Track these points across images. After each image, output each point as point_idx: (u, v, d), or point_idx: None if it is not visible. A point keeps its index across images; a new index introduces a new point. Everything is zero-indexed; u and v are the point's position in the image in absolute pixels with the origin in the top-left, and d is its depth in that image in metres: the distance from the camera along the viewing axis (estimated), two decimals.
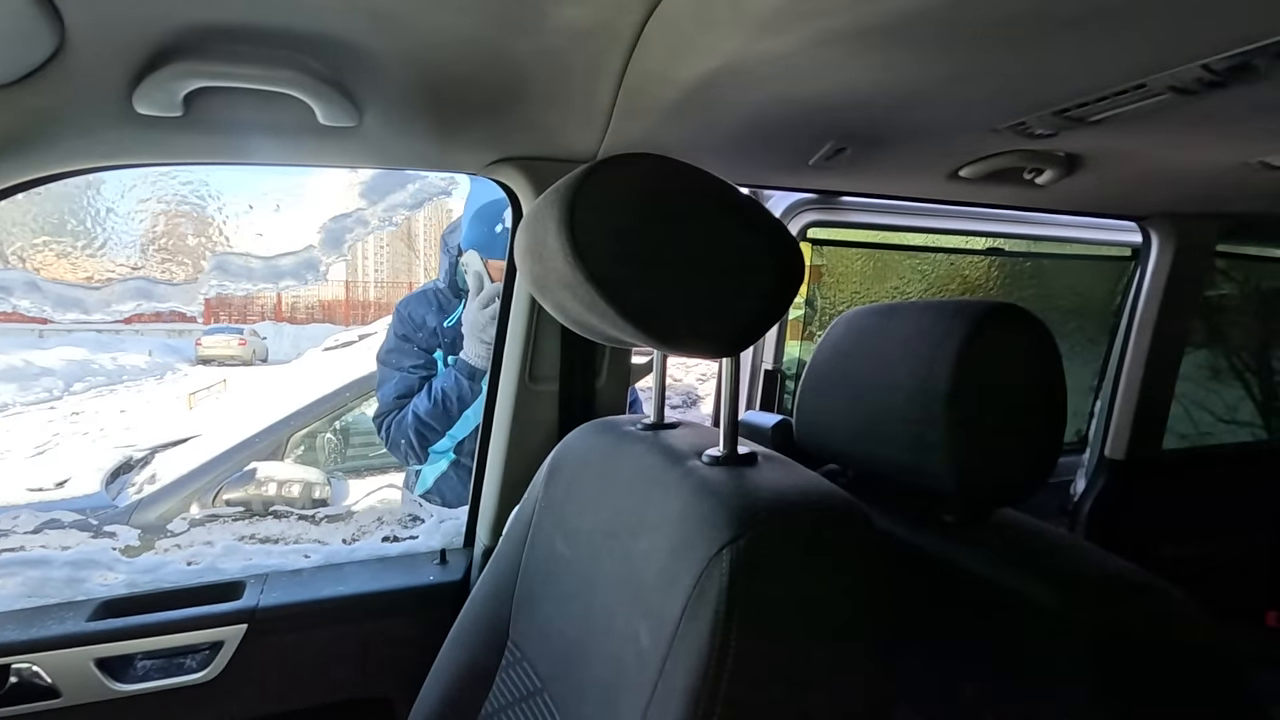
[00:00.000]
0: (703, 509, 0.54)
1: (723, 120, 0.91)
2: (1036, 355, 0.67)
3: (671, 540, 0.56)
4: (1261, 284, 2.05)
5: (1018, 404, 0.65)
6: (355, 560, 1.16)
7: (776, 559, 0.51)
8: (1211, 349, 2.12)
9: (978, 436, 0.64)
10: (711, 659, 0.48)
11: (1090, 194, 1.33)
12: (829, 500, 0.55)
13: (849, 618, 0.53)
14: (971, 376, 0.64)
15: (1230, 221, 1.49)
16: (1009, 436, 0.65)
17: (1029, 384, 0.66)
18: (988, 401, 0.64)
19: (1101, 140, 1.04)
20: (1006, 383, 0.65)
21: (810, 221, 1.37)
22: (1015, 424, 0.65)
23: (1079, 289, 2.00)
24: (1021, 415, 0.66)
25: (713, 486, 0.56)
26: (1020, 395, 0.66)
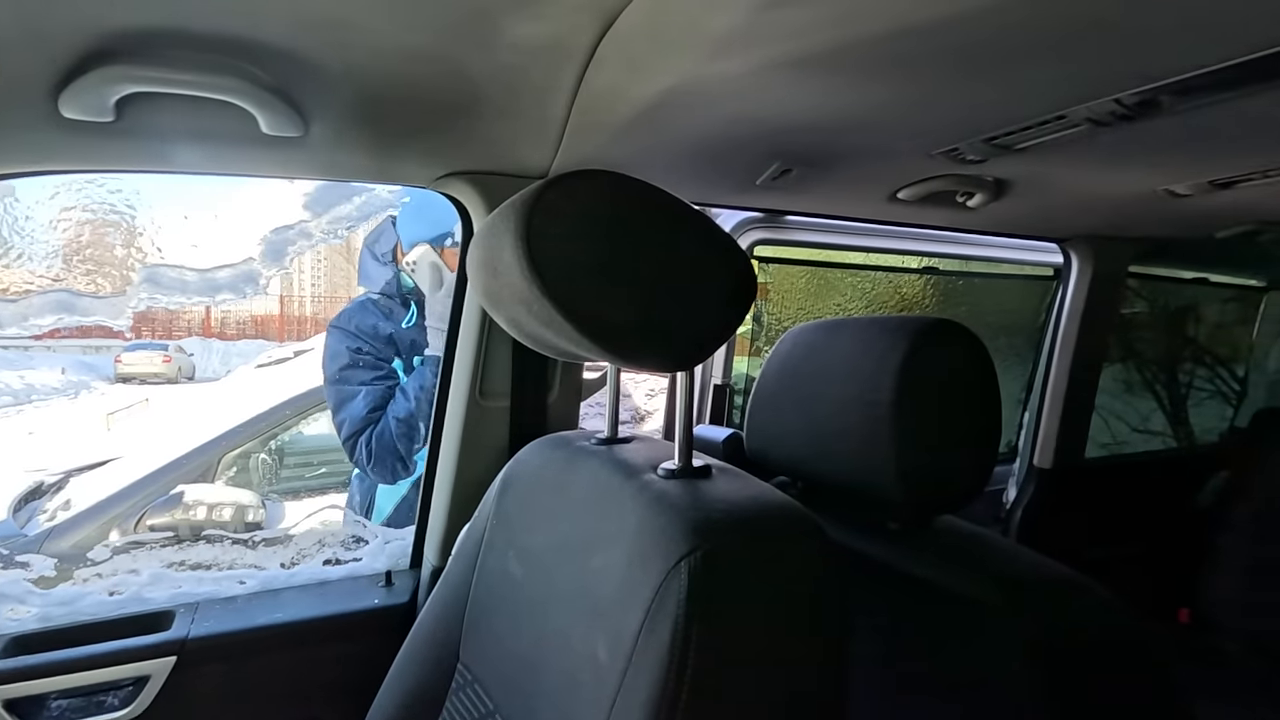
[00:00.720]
0: (659, 522, 0.54)
1: (674, 139, 0.93)
2: (973, 368, 0.71)
3: (628, 554, 0.56)
4: (1169, 303, 2.20)
5: (957, 415, 0.69)
6: (294, 585, 1.11)
7: (734, 570, 0.51)
8: (1126, 364, 2.26)
9: (921, 446, 0.66)
10: (671, 671, 0.48)
11: (1016, 217, 1.41)
12: (783, 511, 0.56)
13: (805, 627, 0.54)
14: (913, 388, 0.67)
15: (1142, 245, 1.60)
16: (950, 445, 0.68)
17: (967, 395, 0.69)
18: (929, 412, 0.67)
19: (1027, 167, 1.11)
20: (946, 394, 0.68)
21: (757, 240, 1.41)
22: (955, 433, 0.68)
23: (1007, 306, 2.11)
24: (960, 425, 0.69)
25: (669, 499, 0.57)
26: (959, 406, 0.69)
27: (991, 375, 0.71)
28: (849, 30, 0.62)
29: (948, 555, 0.67)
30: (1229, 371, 2.33)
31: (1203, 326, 2.38)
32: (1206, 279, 2.04)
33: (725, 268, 0.59)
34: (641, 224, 0.56)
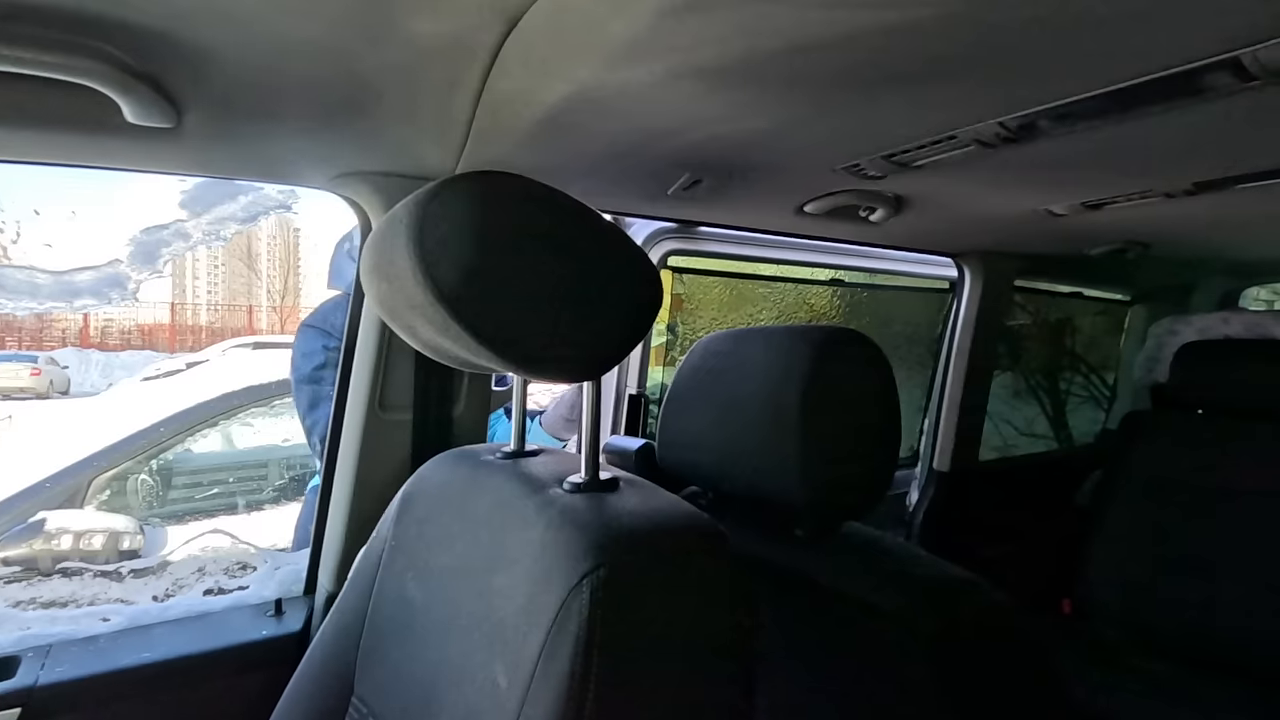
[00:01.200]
0: (563, 538, 0.52)
1: (583, 146, 0.91)
2: (874, 377, 0.73)
3: (531, 573, 0.53)
4: (1050, 315, 2.39)
5: (860, 421, 0.70)
6: (168, 620, 1.01)
7: (640, 586, 0.50)
8: (1014, 372, 2.43)
9: (826, 452, 0.67)
10: (573, 693, 0.46)
11: (915, 232, 1.48)
12: (691, 524, 0.55)
13: (713, 641, 0.53)
14: (819, 395, 0.68)
15: (1026, 260, 1.72)
16: (853, 451, 0.69)
17: (869, 403, 0.71)
18: (833, 419, 0.68)
19: (923, 184, 1.17)
20: (849, 402, 0.70)
21: (670, 250, 1.41)
22: (858, 440, 0.70)
23: (908, 318, 2.22)
24: (863, 432, 0.70)
25: (573, 515, 0.55)
26: (862, 413, 0.71)
27: (891, 384, 0.73)
28: (750, 43, 0.63)
29: (852, 561, 0.69)
30: (1100, 379, 2.54)
31: (1078, 337, 2.59)
32: (1081, 293, 2.22)
33: (632, 275, 0.58)
34: (544, 228, 0.54)
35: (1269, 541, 1.63)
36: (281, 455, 2.95)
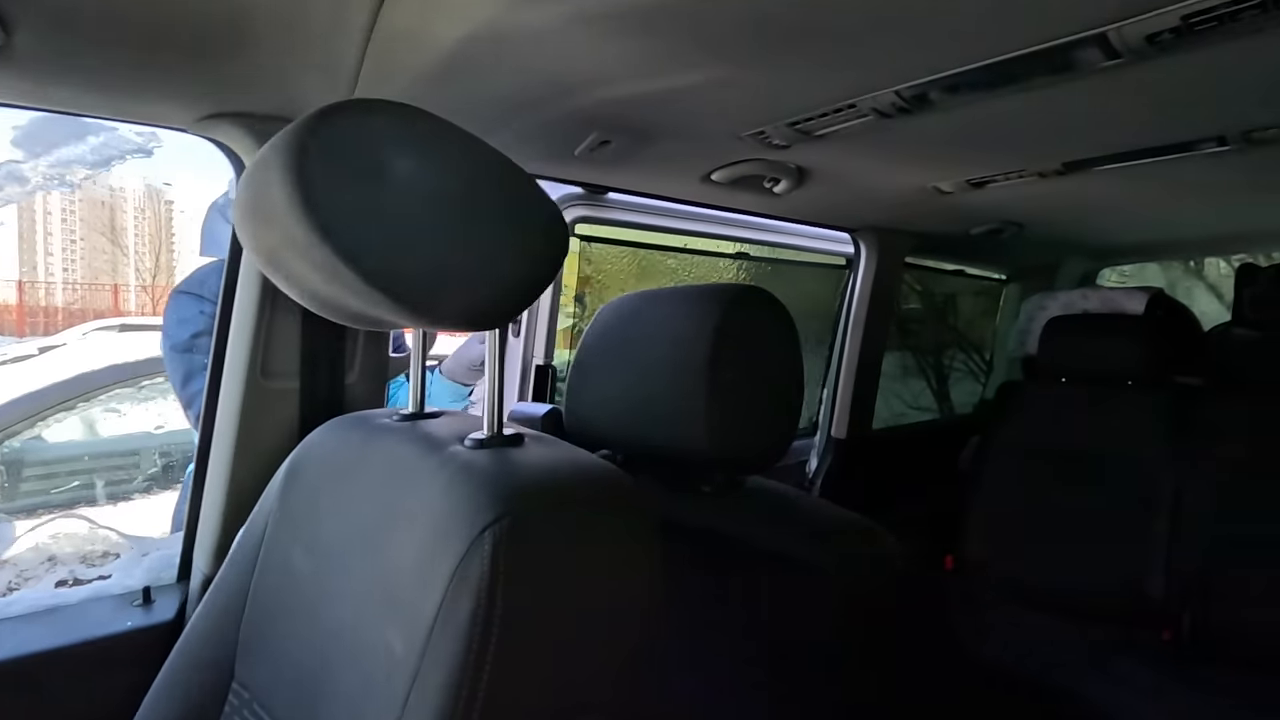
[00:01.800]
0: (463, 492, 0.49)
1: (485, 93, 0.87)
2: (780, 333, 0.74)
3: (429, 531, 0.50)
4: (935, 291, 2.54)
5: (766, 377, 0.71)
6: (8, 617, 0.89)
7: (544, 538, 0.48)
8: (903, 347, 2.57)
9: (732, 406, 0.68)
10: (472, 649, 0.44)
11: (816, 206, 1.53)
12: (600, 477, 0.54)
13: (622, 594, 0.52)
14: (726, 351, 0.68)
15: (916, 238, 1.82)
16: (757, 407, 0.70)
17: (773, 359, 0.72)
18: (740, 374, 0.69)
19: (824, 155, 1.20)
20: (756, 358, 0.71)
21: (580, 217, 1.39)
22: (764, 396, 0.71)
23: (811, 293, 2.30)
24: (769, 388, 0.71)
25: (475, 469, 0.52)
26: (768, 370, 0.72)
27: (796, 343, 0.75)
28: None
29: (759, 513, 0.70)
30: (978, 352, 2.74)
31: (961, 313, 2.78)
32: (964, 271, 2.38)
33: (533, 216, 0.55)
34: (437, 162, 0.51)
35: (1122, 500, 1.81)
36: (156, 443, 2.70)
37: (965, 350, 2.75)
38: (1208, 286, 2.86)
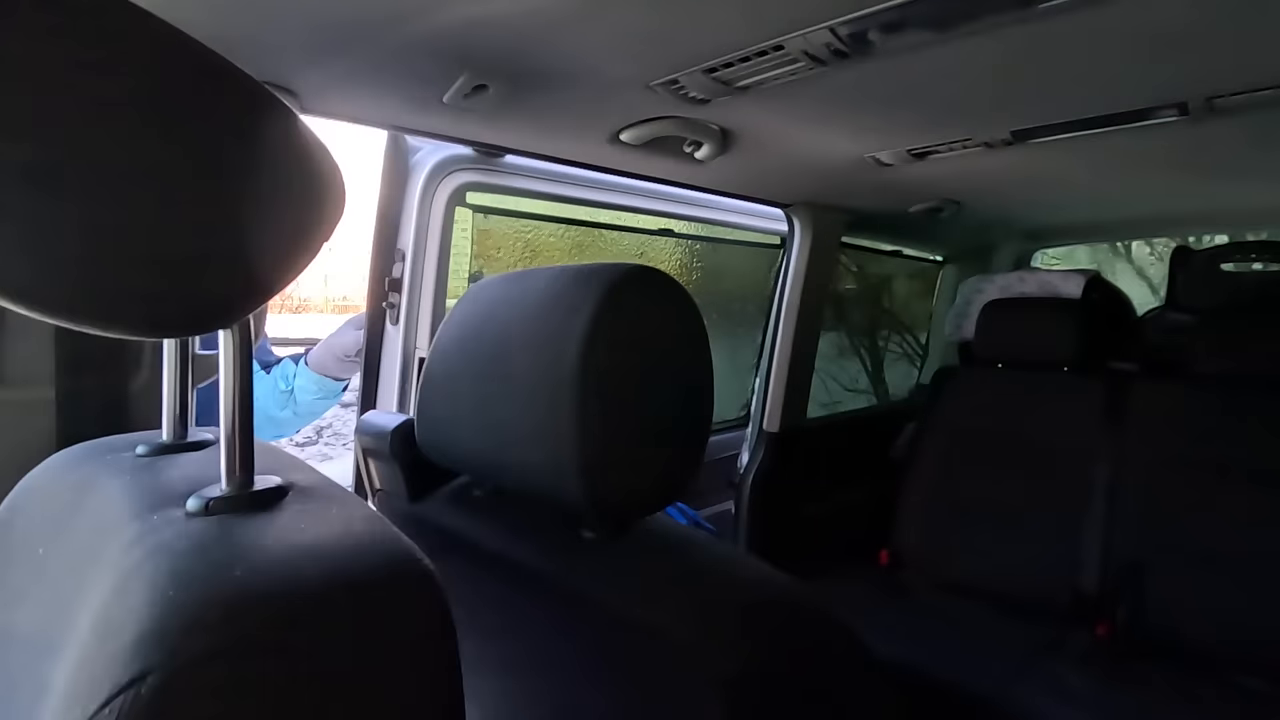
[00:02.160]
0: (115, 616, 0.30)
1: (316, 21, 0.66)
2: (682, 331, 0.56)
3: (75, 666, 0.31)
4: (872, 273, 2.44)
5: (661, 390, 0.54)
6: None
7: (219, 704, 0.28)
8: (839, 330, 2.47)
9: (613, 431, 0.50)
10: None
11: (745, 176, 1.36)
12: (375, 565, 0.35)
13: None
14: (605, 354, 0.50)
15: (853, 214, 1.69)
16: (651, 430, 0.53)
17: (673, 363, 0.55)
18: (625, 387, 0.51)
19: (750, 115, 1.03)
20: (647, 364, 0.53)
21: (468, 183, 1.18)
22: (658, 414, 0.53)
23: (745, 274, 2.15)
24: (666, 404, 0.54)
25: (154, 565, 0.32)
26: (664, 378, 0.54)
27: (703, 339, 0.58)
28: None
29: (645, 573, 0.53)
30: (914, 337, 2.67)
31: (898, 296, 2.69)
32: (901, 251, 2.28)
33: (283, 155, 0.36)
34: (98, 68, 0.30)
35: (1057, 490, 1.75)
36: None
37: (902, 334, 2.68)
38: (1135, 271, 2.87)
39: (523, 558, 0.57)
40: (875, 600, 1.70)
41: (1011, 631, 1.56)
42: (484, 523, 0.63)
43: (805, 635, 0.48)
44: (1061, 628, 1.60)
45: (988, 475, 1.86)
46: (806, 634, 0.49)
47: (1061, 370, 1.87)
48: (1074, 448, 1.77)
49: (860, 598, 1.72)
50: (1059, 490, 1.75)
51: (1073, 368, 1.86)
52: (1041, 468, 1.79)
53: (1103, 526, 1.67)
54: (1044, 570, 1.71)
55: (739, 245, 1.91)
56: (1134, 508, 1.65)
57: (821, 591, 0.51)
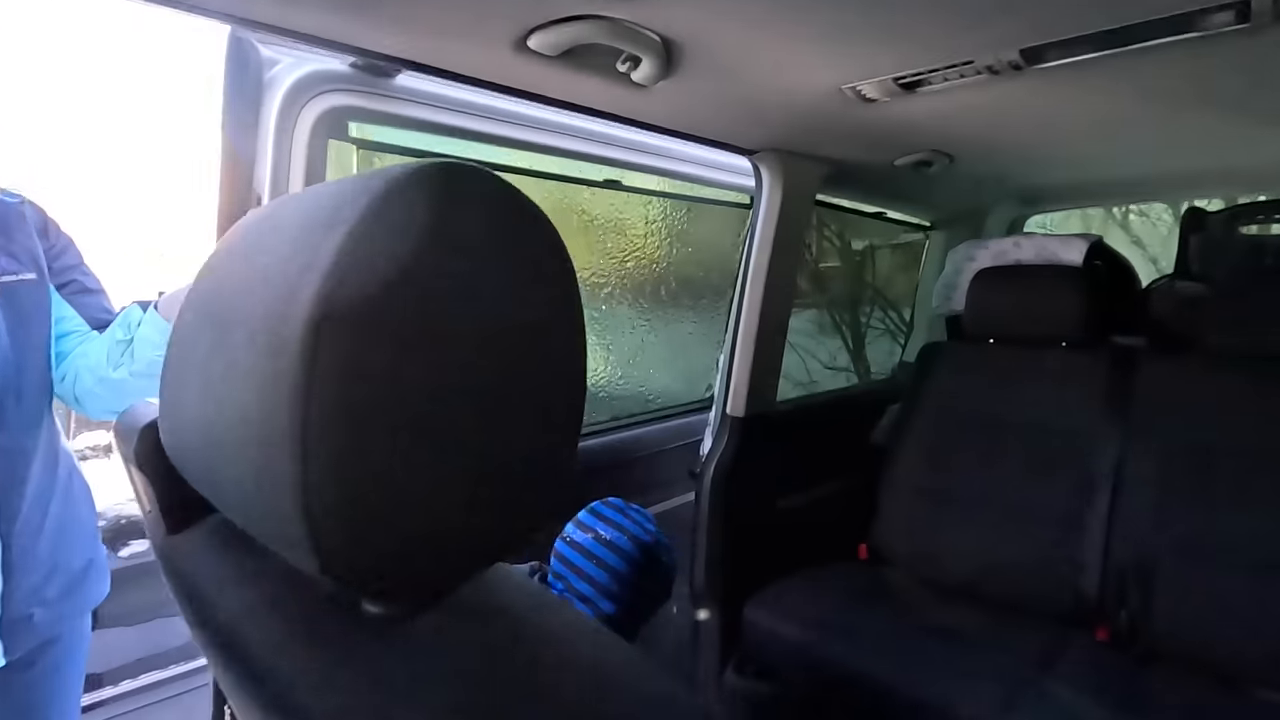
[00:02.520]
0: None
1: None
2: (525, 263, 0.33)
3: None
4: (850, 238, 2.23)
5: (474, 366, 0.31)
6: None
7: None
8: (817, 301, 2.26)
9: (364, 441, 0.28)
10: None
11: (699, 111, 1.14)
12: None
13: None
14: (360, 305, 0.28)
15: (830, 168, 1.47)
16: (448, 438, 0.30)
17: (502, 323, 0.32)
18: (390, 363, 0.29)
19: (698, 20, 0.81)
20: (453, 318, 0.31)
21: (347, 109, 0.93)
22: (464, 410, 0.31)
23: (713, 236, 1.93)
24: (484, 391, 0.32)
25: None
26: (480, 350, 0.32)
27: (566, 281, 0.35)
28: None
29: (461, 690, 0.31)
30: (897, 312, 2.47)
31: (880, 265, 2.49)
32: (884, 214, 2.07)
33: None
34: None
35: (1055, 479, 1.56)
36: None
37: (885, 308, 2.47)
38: (1132, 240, 2.69)
39: (263, 641, 0.35)
40: (852, 602, 1.51)
41: (1004, 641, 1.38)
42: (236, 580, 0.41)
43: None
44: (1060, 635, 1.42)
45: (978, 463, 1.68)
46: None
47: (1060, 346, 1.68)
48: (1074, 432, 1.58)
49: (836, 599, 1.53)
50: (1057, 480, 1.56)
51: (1073, 343, 1.67)
52: (1038, 454, 1.60)
53: (1106, 521, 1.49)
54: (1041, 570, 1.53)
55: (704, 204, 1.68)
56: (1141, 500, 1.47)
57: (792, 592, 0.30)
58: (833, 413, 2.06)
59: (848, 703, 1.34)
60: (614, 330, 1.79)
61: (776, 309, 1.50)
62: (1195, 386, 1.49)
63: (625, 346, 1.82)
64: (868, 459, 1.84)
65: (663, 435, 1.69)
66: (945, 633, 1.40)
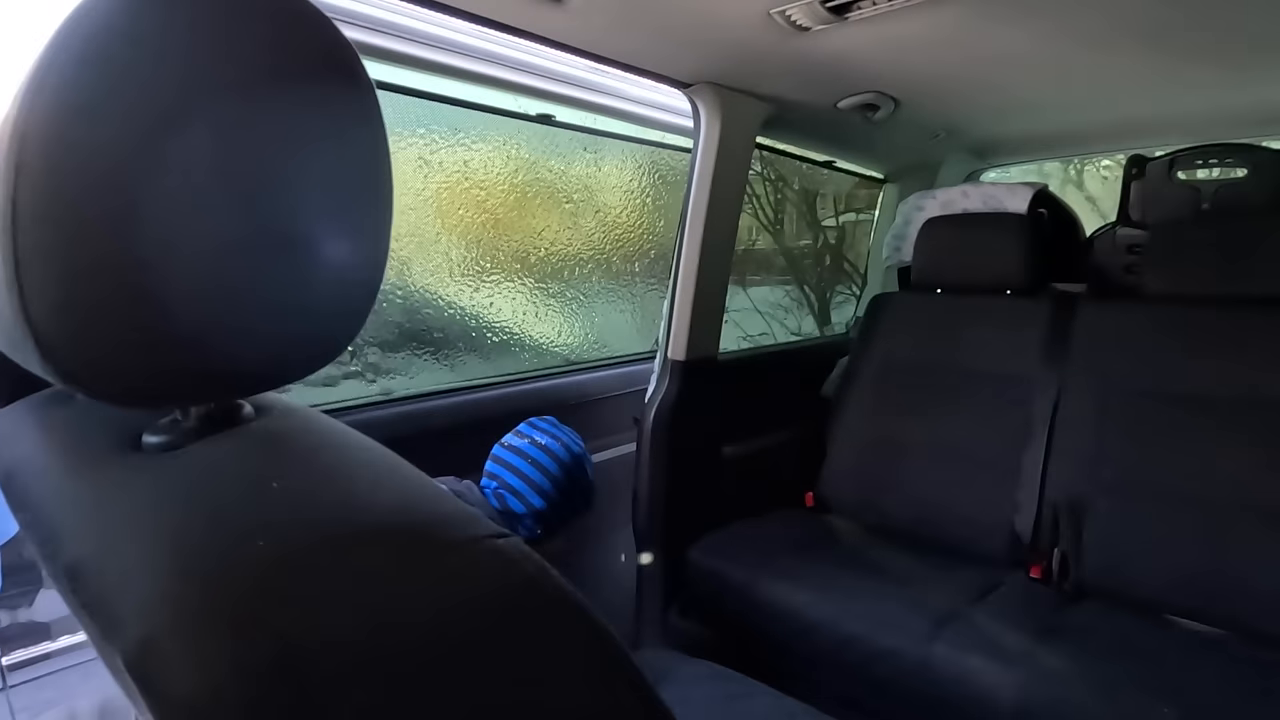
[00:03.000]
0: None
1: None
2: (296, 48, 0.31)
3: None
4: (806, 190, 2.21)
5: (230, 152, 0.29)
6: None
7: None
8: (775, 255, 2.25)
9: (71, 245, 0.26)
10: None
11: (626, 34, 1.10)
12: None
13: None
14: (83, 76, 0.25)
15: (771, 106, 1.44)
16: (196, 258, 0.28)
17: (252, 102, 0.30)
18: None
19: None
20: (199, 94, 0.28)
21: None
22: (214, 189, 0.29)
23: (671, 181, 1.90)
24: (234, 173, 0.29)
25: None
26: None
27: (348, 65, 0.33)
28: None
29: (240, 484, 0.30)
30: (852, 265, 2.47)
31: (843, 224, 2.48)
32: (834, 163, 2.05)
33: None
34: None
35: (997, 425, 1.58)
36: None
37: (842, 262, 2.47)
38: (1087, 198, 2.71)
39: (49, 493, 0.33)
40: (795, 547, 1.53)
41: (940, 581, 1.39)
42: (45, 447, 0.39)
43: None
44: (995, 573, 1.45)
45: (923, 410, 1.69)
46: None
47: (1005, 294, 1.69)
48: (1016, 378, 1.60)
49: (779, 544, 1.54)
50: (999, 425, 1.58)
51: (1017, 291, 1.68)
52: (981, 401, 1.62)
53: (1042, 464, 1.51)
54: (980, 512, 1.55)
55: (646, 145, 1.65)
56: (1076, 443, 1.49)
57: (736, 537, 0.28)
58: (786, 363, 2.07)
59: (784, 641, 1.36)
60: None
61: (717, 253, 1.49)
62: (1130, 332, 1.51)
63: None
64: (819, 410, 1.85)
65: (611, 382, 1.69)
66: (883, 574, 1.42)
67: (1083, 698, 1.05)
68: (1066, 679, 1.09)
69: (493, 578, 0.27)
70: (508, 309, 1.58)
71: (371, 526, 0.27)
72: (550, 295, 1.67)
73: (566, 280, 1.72)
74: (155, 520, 0.28)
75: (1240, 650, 1.19)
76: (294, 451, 0.32)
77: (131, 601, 0.24)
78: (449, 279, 1.44)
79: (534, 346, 1.66)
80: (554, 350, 1.72)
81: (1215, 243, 1.46)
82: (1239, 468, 1.30)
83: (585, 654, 0.27)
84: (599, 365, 1.73)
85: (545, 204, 1.62)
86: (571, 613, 0.27)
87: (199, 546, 0.25)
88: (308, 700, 0.21)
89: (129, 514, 0.29)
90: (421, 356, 1.42)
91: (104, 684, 0.91)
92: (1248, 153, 1.56)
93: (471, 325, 1.51)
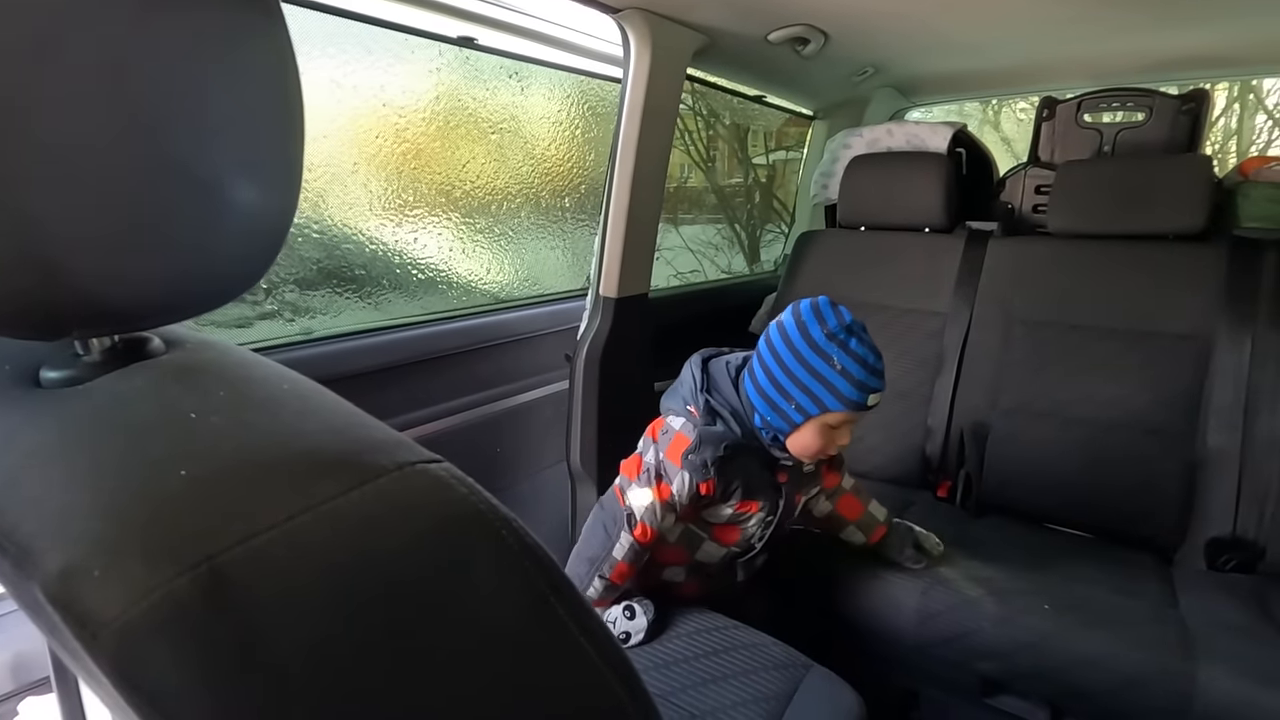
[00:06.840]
0: None
1: None
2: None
3: None
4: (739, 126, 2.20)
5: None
6: None
7: None
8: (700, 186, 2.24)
9: None
10: None
11: None
12: None
13: None
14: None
15: (702, 35, 1.41)
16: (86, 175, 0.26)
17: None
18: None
19: None
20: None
21: None
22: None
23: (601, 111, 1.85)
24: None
25: None
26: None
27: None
28: None
29: (138, 421, 0.29)
30: (781, 203, 2.49)
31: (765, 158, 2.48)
32: (764, 98, 2.04)
33: None
34: None
35: (914, 358, 1.67)
36: None
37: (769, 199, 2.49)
38: (1002, 139, 2.81)
39: None
40: None
41: None
42: None
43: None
44: (906, 493, 1.57)
45: None
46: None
47: (924, 232, 1.76)
48: (932, 313, 1.69)
49: None
50: (916, 356, 1.68)
51: (935, 229, 1.75)
52: (900, 334, 1.70)
53: (952, 391, 1.62)
54: (895, 439, 1.65)
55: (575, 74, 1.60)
56: (982, 370, 1.60)
57: None
58: (716, 300, 2.10)
59: None
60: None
61: (649, 187, 1.48)
62: (1033, 267, 1.61)
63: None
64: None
65: (542, 319, 1.67)
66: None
67: (977, 598, 1.17)
68: (961, 584, 1.20)
69: (427, 501, 0.27)
70: (433, 245, 1.52)
71: (301, 452, 0.27)
72: (478, 231, 1.62)
73: (495, 215, 1.67)
74: (64, 453, 0.27)
75: (1110, 552, 1.34)
76: (212, 383, 0.31)
77: (47, 533, 0.23)
78: (369, 213, 1.37)
79: (462, 284, 1.62)
80: (483, 288, 1.68)
81: (1114, 183, 1.55)
82: (1124, 391, 1.44)
83: (523, 575, 0.28)
84: (530, 303, 1.71)
85: (470, 134, 1.55)
86: (508, 533, 0.28)
87: (116, 473, 0.24)
88: (240, 619, 0.21)
89: (32, 450, 0.28)
90: (343, 295, 1.36)
91: (15, 636, 0.87)
92: (1146, 97, 1.65)
93: (395, 262, 1.45)
